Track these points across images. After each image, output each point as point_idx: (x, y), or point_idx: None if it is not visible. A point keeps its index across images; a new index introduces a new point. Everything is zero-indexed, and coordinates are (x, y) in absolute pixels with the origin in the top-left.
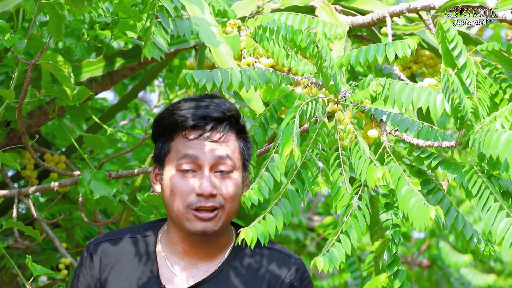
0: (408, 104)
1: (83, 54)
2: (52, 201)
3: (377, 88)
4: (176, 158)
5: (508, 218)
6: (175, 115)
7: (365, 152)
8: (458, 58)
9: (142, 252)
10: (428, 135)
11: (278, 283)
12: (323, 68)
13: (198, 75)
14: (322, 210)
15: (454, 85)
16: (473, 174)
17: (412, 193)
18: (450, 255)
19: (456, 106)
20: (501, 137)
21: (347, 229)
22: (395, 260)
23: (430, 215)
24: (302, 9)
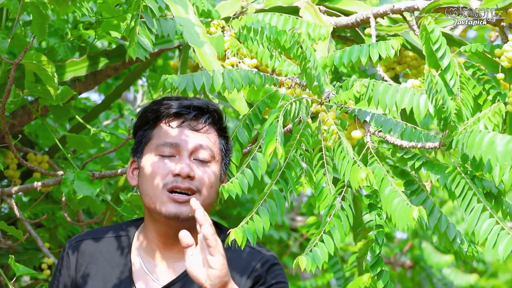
0: (392, 105)
1: (66, 53)
2: (35, 201)
3: (360, 89)
4: (157, 144)
5: (491, 218)
6: (159, 104)
7: (348, 153)
8: (442, 59)
9: (118, 251)
10: (412, 136)
11: (245, 276)
12: (307, 68)
13: (177, 81)
14: (305, 210)
15: (437, 86)
16: (456, 175)
17: (395, 194)
18: (433, 256)
19: (439, 107)
20: (484, 138)
21: (330, 230)
22: (378, 260)
23: (413, 215)
24: (286, 10)
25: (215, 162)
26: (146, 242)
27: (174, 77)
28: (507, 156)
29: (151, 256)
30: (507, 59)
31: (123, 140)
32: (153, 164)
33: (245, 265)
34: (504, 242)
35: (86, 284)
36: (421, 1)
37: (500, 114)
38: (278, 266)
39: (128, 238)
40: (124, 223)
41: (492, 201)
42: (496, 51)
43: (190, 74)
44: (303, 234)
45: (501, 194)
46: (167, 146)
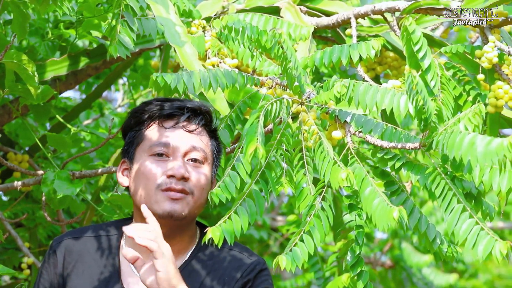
0: (372, 105)
1: (47, 53)
2: (15, 200)
3: (341, 89)
4: (150, 145)
5: (471, 219)
6: (152, 105)
7: (329, 153)
8: (422, 60)
9: (107, 251)
10: (392, 136)
11: (233, 282)
12: (288, 69)
13: (169, 78)
14: (286, 210)
15: (418, 87)
16: (436, 176)
17: (375, 194)
18: (412, 256)
19: (420, 108)
20: (464, 139)
21: (310, 229)
22: (358, 261)
23: (394, 216)
24: (267, 10)
25: (207, 164)
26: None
27: (165, 75)
28: (487, 157)
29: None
30: (487, 60)
31: (104, 140)
32: (146, 165)
33: (235, 269)
34: (484, 242)
35: (73, 282)
36: (402, 2)
37: (480, 115)
38: (266, 271)
39: (117, 237)
40: (113, 222)
41: (472, 202)
42: (477, 52)
43: (177, 73)
44: (283, 234)
45: (481, 194)
46: (161, 146)
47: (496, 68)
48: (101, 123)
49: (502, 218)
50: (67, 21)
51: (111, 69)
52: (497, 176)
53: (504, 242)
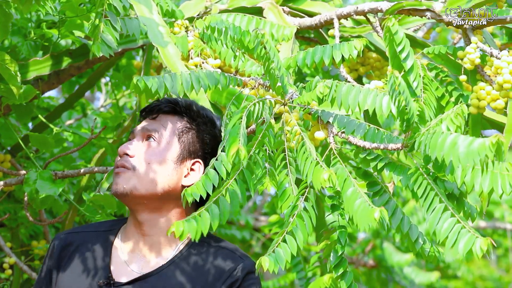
0: (354, 106)
1: (29, 52)
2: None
3: (324, 90)
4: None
5: (452, 218)
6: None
7: (311, 154)
8: (405, 61)
9: (100, 246)
10: (375, 137)
11: (222, 278)
12: (271, 69)
13: (150, 81)
14: (268, 210)
15: (400, 87)
16: (418, 176)
17: (357, 195)
18: (393, 255)
19: (402, 109)
20: (446, 140)
21: (292, 230)
22: (341, 261)
23: (375, 216)
24: (250, 10)
25: (165, 144)
26: (126, 237)
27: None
28: (469, 157)
29: (130, 249)
30: (469, 61)
31: (86, 140)
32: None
33: (223, 268)
34: (465, 239)
35: (64, 276)
36: (384, 3)
37: (462, 116)
38: (254, 275)
39: (114, 232)
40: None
41: (454, 203)
42: (459, 53)
43: (159, 76)
44: (266, 234)
45: (463, 195)
46: (129, 136)
47: (479, 69)
48: (83, 123)
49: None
50: (50, 20)
51: (94, 69)
52: (479, 177)
53: (484, 239)
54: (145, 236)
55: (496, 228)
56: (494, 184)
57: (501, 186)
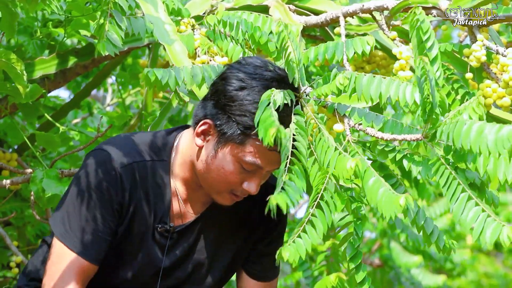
0: (376, 97)
1: (36, 51)
2: (3, 198)
3: (344, 81)
4: (245, 156)
5: (477, 207)
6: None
7: (332, 144)
8: (430, 50)
9: (159, 183)
10: (393, 128)
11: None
12: (290, 60)
13: (160, 73)
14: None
15: (429, 73)
16: (440, 166)
17: (380, 183)
18: (401, 256)
19: (425, 97)
20: (472, 128)
21: (313, 220)
22: (357, 254)
23: (400, 203)
24: (256, 8)
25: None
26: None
27: (157, 70)
28: (499, 144)
29: (184, 189)
30: (475, 59)
31: (92, 139)
32: (230, 169)
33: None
34: (491, 227)
35: (135, 213)
36: (390, 1)
37: (483, 106)
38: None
39: (165, 165)
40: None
41: (476, 192)
42: (465, 51)
43: (169, 68)
44: None
45: (484, 185)
46: (254, 166)
47: (484, 67)
48: (89, 122)
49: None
50: (56, 19)
51: (100, 68)
52: (502, 165)
53: (510, 227)
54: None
55: None
56: None
57: None
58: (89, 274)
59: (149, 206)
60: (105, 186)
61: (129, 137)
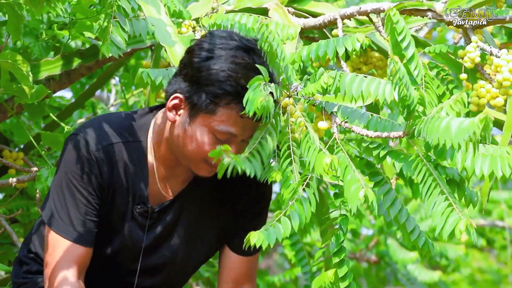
0: (358, 95)
1: (41, 53)
2: (10, 196)
3: (328, 80)
4: (218, 125)
5: (446, 201)
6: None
7: (314, 142)
8: (406, 49)
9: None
10: (377, 126)
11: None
12: (276, 60)
13: (154, 73)
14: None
15: (399, 72)
16: (419, 162)
17: (355, 180)
18: (398, 252)
19: (403, 96)
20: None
21: (290, 213)
22: (341, 249)
23: (359, 195)
24: (255, 11)
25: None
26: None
27: (151, 70)
28: (459, 135)
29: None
30: (470, 60)
31: None
32: (204, 140)
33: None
34: (451, 220)
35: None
36: (386, 4)
37: (462, 102)
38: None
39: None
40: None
41: (455, 189)
42: (460, 52)
43: (165, 69)
44: None
45: (463, 181)
46: (228, 135)
47: (479, 68)
48: None
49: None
50: (61, 22)
51: (104, 69)
52: (479, 160)
53: (466, 219)
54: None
55: (494, 226)
56: (494, 167)
57: (501, 169)
58: (86, 258)
59: (128, 187)
60: (83, 171)
61: (105, 119)
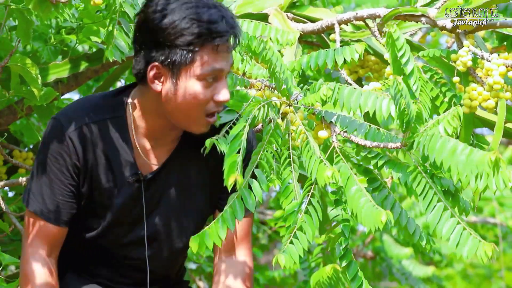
0: (356, 108)
1: (50, 57)
2: (20, 195)
3: (327, 92)
4: (202, 69)
5: (452, 218)
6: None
7: (315, 152)
8: (406, 65)
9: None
10: (375, 136)
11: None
12: (276, 72)
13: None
14: (274, 205)
15: (403, 91)
16: (417, 174)
17: (361, 194)
18: (393, 248)
19: (402, 110)
20: (446, 145)
21: (302, 226)
22: (346, 253)
23: (382, 219)
24: (256, 16)
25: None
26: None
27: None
28: (468, 167)
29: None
30: (462, 64)
31: None
32: (196, 90)
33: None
34: (469, 243)
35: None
36: (382, 9)
37: (458, 117)
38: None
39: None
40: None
41: (450, 198)
42: (452, 56)
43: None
44: (271, 227)
45: (458, 191)
46: (213, 73)
47: (471, 71)
48: None
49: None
50: (68, 27)
51: (110, 72)
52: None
53: (488, 244)
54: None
55: (486, 222)
56: (489, 181)
57: (495, 183)
58: (58, 236)
59: (110, 164)
60: (57, 152)
61: (82, 100)
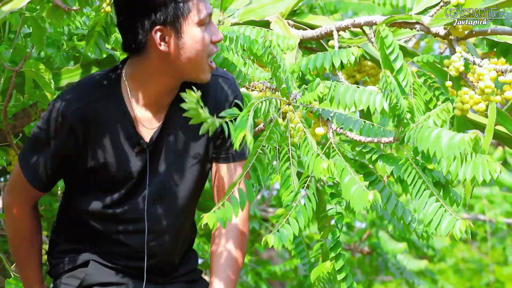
0: (351, 104)
1: (62, 62)
2: None
3: (323, 90)
4: (199, 15)
5: (437, 203)
6: None
7: (312, 147)
8: (395, 62)
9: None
10: (369, 132)
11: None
12: (277, 72)
13: None
14: (275, 202)
15: (391, 85)
16: (408, 166)
17: (353, 181)
18: (388, 243)
19: (393, 105)
20: (431, 133)
21: (295, 214)
22: (337, 244)
23: (369, 198)
24: (258, 23)
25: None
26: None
27: None
28: (450, 149)
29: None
30: (454, 69)
31: None
32: (199, 35)
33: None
34: (446, 221)
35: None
36: (378, 17)
37: (448, 111)
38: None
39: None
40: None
41: (441, 190)
42: (445, 61)
43: None
44: (273, 223)
45: (449, 183)
46: (207, 16)
47: (463, 76)
48: None
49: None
50: (80, 34)
51: None
52: (462, 166)
53: (463, 221)
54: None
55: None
56: (476, 172)
57: (481, 174)
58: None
59: (113, 137)
60: (52, 130)
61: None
